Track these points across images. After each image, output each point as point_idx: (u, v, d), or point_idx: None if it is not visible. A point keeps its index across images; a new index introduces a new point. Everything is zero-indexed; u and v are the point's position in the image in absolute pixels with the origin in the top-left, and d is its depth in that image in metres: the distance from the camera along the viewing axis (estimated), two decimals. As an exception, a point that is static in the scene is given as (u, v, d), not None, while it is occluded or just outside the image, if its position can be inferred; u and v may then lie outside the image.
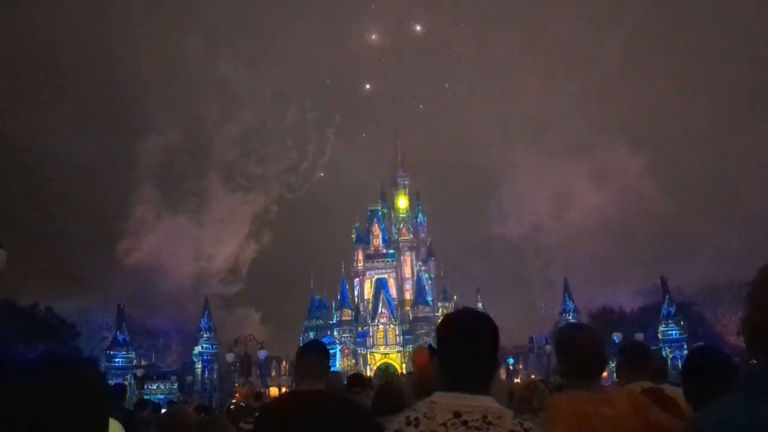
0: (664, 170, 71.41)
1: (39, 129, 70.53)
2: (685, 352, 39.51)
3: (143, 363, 46.06)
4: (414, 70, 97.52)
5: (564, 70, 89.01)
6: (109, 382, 30.50)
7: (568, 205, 75.32)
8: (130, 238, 66.72)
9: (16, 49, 69.55)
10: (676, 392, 3.85)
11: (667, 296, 43.97)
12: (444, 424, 2.17)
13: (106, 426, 1.43)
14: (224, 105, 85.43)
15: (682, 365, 3.56)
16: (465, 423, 2.16)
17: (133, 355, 40.86)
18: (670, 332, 42.96)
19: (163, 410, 12.78)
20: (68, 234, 64.72)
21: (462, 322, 2.39)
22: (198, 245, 72.21)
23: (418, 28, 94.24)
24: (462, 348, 2.29)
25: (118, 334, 40.09)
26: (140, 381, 39.65)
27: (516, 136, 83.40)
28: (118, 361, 39.47)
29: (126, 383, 32.51)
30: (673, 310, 43.51)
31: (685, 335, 42.50)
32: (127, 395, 14.91)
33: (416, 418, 2.23)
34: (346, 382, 6.50)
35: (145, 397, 32.91)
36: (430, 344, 4.88)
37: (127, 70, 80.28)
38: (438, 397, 2.28)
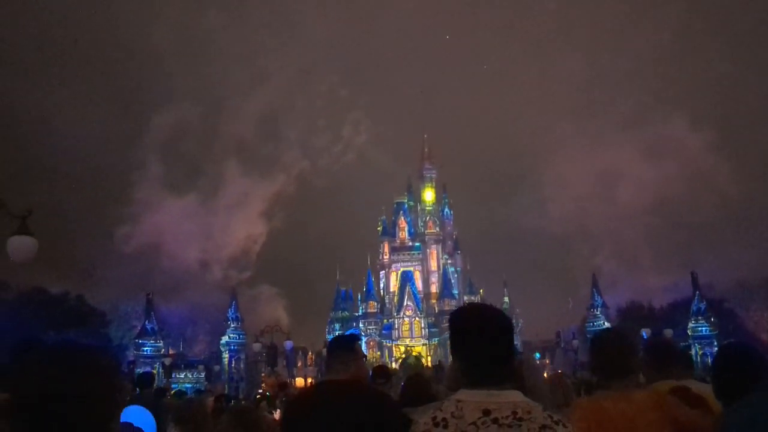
0: (731, 149, 65.81)
1: (51, 108, 68.44)
2: (716, 349, 38.85)
3: (171, 352, 46.65)
4: (445, 52, 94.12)
5: (611, 43, 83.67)
6: (138, 370, 31.03)
7: (613, 189, 71.18)
8: (139, 224, 65.04)
9: (21, 18, 67.80)
10: (704, 389, 3.78)
11: (698, 292, 43.23)
12: (474, 423, 2.12)
13: (114, 414, 1.45)
14: (245, 82, 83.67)
15: (713, 361, 3.50)
16: (495, 421, 2.11)
17: (161, 344, 41.33)
18: (699, 329, 42.22)
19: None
20: (85, 221, 63.72)
21: (478, 318, 2.34)
22: (223, 232, 70.98)
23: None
24: (484, 344, 2.25)
25: (146, 323, 40.56)
26: (168, 370, 40.18)
27: (558, 117, 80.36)
28: (147, 350, 39.93)
29: (154, 372, 33.08)
30: (703, 306, 42.74)
31: (716, 332, 41.75)
32: (155, 383, 15.10)
33: (444, 419, 2.18)
34: (371, 374, 6.52)
35: (173, 386, 33.44)
36: None
37: (141, 43, 77.96)
38: (464, 395, 2.23)
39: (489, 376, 2.22)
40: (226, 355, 45.49)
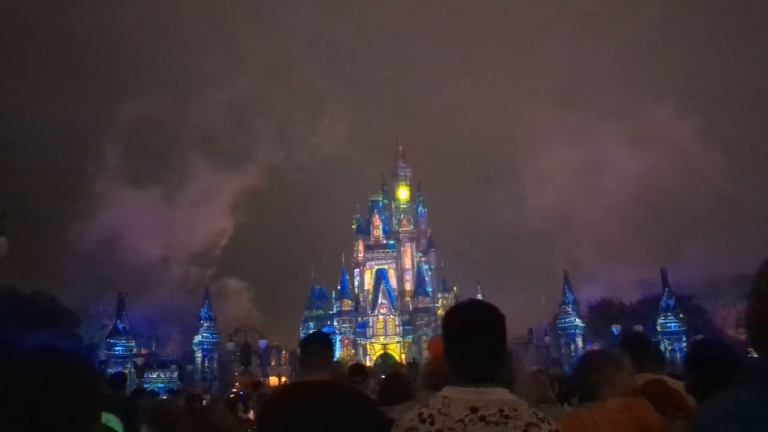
0: (718, 138, 64.33)
1: (10, 99, 66.05)
2: (684, 345, 39.49)
3: (143, 351, 46.06)
4: (425, 46, 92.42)
5: (595, 33, 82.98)
6: (109, 370, 30.60)
7: (596, 180, 70.65)
8: (99, 220, 62.07)
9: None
10: (677, 384, 3.84)
11: (667, 288, 43.87)
12: (461, 420, 2.12)
13: (93, 418, 1.43)
14: (218, 71, 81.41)
15: (686, 357, 3.56)
16: (482, 418, 2.12)
17: (133, 344, 40.83)
18: (668, 325, 42.92)
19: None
20: (50, 217, 61.56)
21: (471, 315, 2.34)
22: (190, 226, 68.75)
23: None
24: (475, 341, 2.25)
25: (118, 322, 40.03)
26: (140, 369, 39.69)
27: (540, 108, 79.46)
28: (118, 350, 39.44)
29: (126, 372, 32.64)
30: (672, 302, 43.43)
31: (684, 328, 42.45)
32: (127, 384, 14.92)
33: (430, 415, 2.17)
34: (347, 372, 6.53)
35: (145, 385, 33.04)
36: None
37: (106, 28, 75.81)
38: (451, 392, 2.23)
39: (480, 374, 2.23)
40: (199, 355, 45.13)
